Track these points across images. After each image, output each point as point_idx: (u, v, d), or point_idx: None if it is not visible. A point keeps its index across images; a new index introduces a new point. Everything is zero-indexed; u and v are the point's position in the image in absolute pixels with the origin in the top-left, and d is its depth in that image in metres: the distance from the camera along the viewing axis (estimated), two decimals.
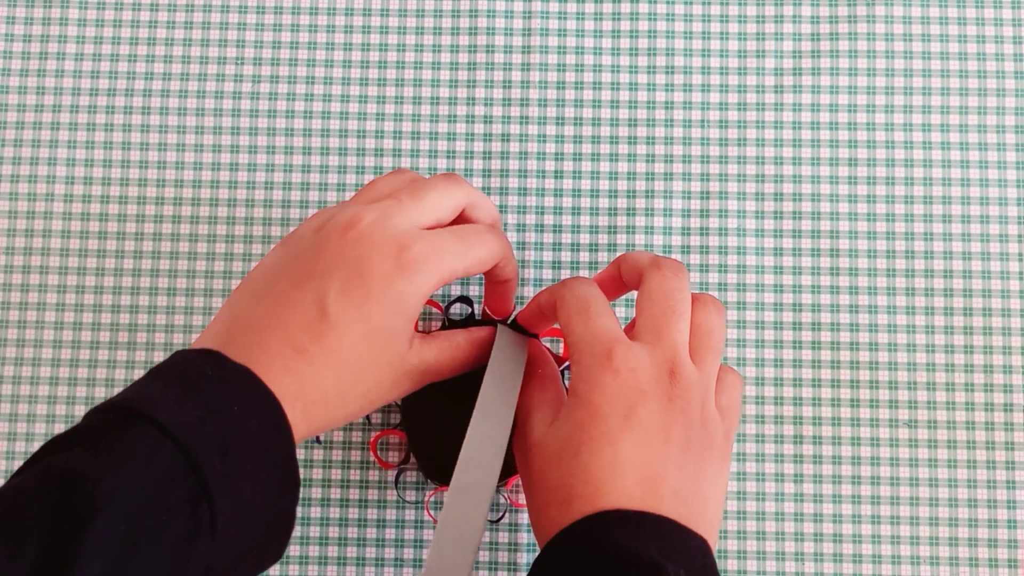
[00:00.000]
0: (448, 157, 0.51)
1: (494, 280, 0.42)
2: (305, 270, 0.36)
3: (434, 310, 0.50)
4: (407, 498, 0.48)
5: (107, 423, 0.31)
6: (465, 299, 0.48)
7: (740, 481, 0.48)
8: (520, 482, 0.49)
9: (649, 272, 0.38)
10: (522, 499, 0.48)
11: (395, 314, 0.36)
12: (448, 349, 0.39)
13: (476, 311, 0.49)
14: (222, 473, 0.31)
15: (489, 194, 0.51)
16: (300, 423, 0.35)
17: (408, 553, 0.48)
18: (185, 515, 0.30)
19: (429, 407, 0.45)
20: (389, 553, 0.48)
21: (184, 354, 0.34)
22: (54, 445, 0.31)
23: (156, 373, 0.34)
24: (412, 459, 0.46)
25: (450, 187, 0.39)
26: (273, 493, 0.33)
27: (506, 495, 0.48)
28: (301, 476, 0.48)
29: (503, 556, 0.47)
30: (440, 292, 0.50)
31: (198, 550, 0.31)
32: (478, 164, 0.51)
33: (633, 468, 0.34)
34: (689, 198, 0.51)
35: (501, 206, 0.51)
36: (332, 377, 0.35)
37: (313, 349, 0.35)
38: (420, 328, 0.49)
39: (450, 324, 0.47)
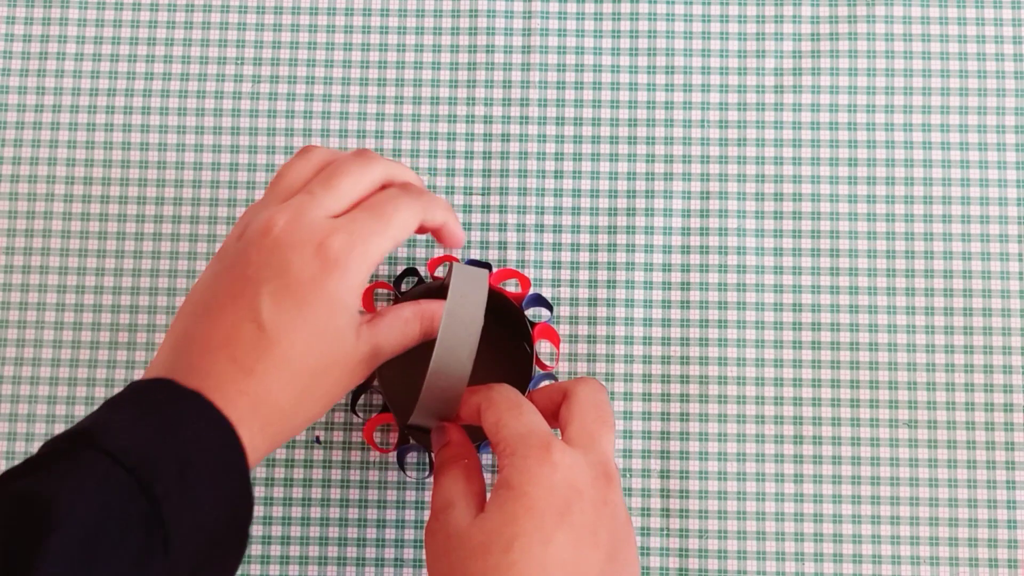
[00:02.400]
0: (448, 157, 0.51)
1: (432, 230, 0.40)
2: (234, 285, 0.36)
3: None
4: (408, 478, 0.48)
5: (61, 452, 0.32)
6: (412, 271, 0.47)
7: (740, 481, 0.48)
8: None
9: (578, 386, 0.38)
10: None
11: (334, 314, 0.35)
12: (397, 327, 0.38)
13: (424, 275, 0.48)
14: (176, 496, 0.31)
15: (489, 194, 0.51)
16: (259, 441, 0.35)
17: (408, 553, 0.48)
18: (139, 538, 0.30)
19: (409, 380, 0.45)
20: (389, 553, 0.48)
21: (137, 385, 0.34)
22: (10, 475, 0.31)
23: (111, 404, 0.33)
24: (409, 439, 0.46)
25: (363, 168, 0.38)
26: (227, 513, 0.33)
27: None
28: (296, 479, 0.48)
29: None
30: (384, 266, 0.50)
31: (152, 572, 0.31)
32: (478, 164, 0.51)
33: (562, 570, 0.33)
34: (689, 198, 0.51)
35: (501, 206, 0.51)
36: (284, 391, 0.35)
37: (260, 368, 0.34)
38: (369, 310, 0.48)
39: (401, 297, 0.46)
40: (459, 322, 0.37)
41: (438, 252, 0.50)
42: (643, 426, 0.49)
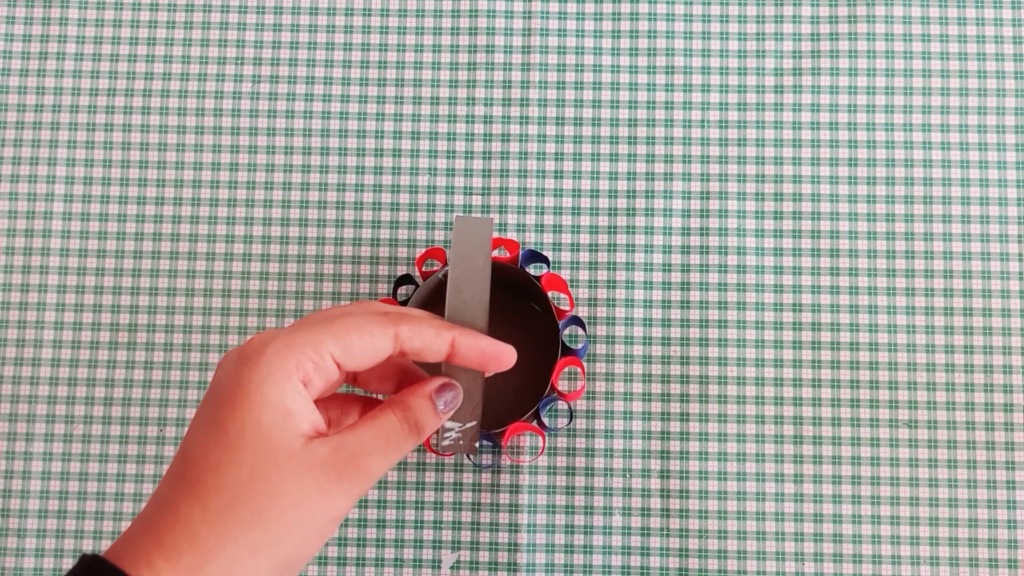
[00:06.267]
0: (448, 157, 0.51)
1: (414, 353, 0.34)
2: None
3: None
4: (484, 462, 0.48)
5: None
6: (406, 278, 0.46)
7: (740, 481, 0.48)
8: (519, 436, 0.49)
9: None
10: (522, 457, 0.48)
11: (253, 410, 0.31)
12: (378, 439, 0.33)
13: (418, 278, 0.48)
14: None
15: (489, 194, 0.51)
16: None
17: (408, 553, 0.48)
18: None
19: None
20: (389, 553, 0.48)
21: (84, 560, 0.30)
22: None
23: None
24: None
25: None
26: None
27: (505, 452, 0.48)
28: None
29: (503, 556, 0.47)
30: (384, 284, 0.50)
31: None
32: (478, 164, 0.51)
33: None
34: (689, 198, 0.51)
35: (501, 206, 0.51)
36: (204, 517, 0.30)
37: (184, 505, 0.30)
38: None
39: (403, 305, 0.45)
40: (467, 271, 0.35)
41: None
42: (643, 426, 0.49)
